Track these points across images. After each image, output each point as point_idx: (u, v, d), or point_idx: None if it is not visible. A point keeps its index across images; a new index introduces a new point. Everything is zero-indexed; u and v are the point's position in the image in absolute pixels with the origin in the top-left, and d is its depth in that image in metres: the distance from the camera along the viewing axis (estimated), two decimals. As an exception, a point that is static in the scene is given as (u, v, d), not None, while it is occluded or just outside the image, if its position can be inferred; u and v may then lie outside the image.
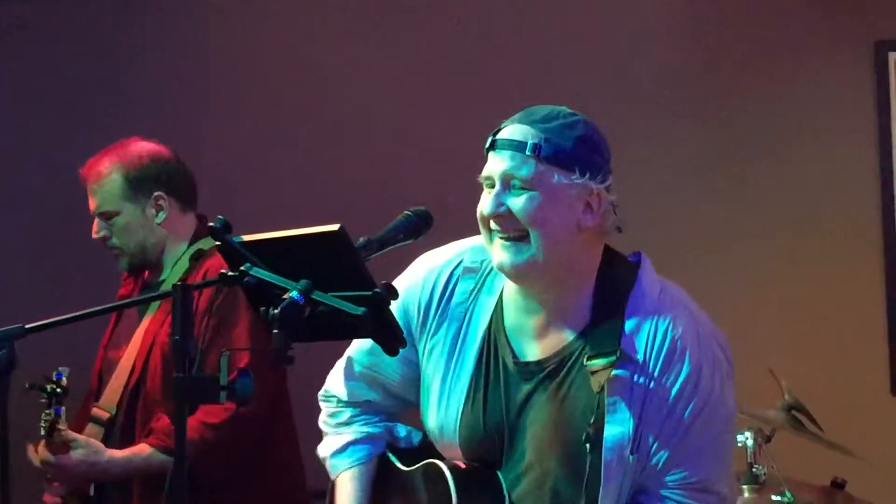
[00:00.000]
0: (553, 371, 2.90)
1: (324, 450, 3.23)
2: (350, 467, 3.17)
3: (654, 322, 2.85)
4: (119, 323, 4.24)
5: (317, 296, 2.53)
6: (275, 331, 2.47)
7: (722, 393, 2.87)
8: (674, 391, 2.82)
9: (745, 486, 4.13)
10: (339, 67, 5.52)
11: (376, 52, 5.54)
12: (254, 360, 3.77)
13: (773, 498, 4.08)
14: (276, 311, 2.48)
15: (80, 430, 4.02)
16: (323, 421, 3.26)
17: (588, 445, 2.80)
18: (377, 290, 2.57)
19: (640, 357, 2.83)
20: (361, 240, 2.75)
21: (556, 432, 2.87)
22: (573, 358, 2.89)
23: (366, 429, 3.19)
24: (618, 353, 2.81)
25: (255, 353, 3.77)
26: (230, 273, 2.60)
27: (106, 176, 4.07)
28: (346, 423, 3.20)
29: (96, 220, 4.13)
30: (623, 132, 5.42)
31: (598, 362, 2.83)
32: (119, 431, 4.05)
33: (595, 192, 2.86)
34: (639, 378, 2.82)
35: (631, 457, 2.81)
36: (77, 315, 2.71)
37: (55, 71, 5.50)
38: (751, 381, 4.64)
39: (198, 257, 4.08)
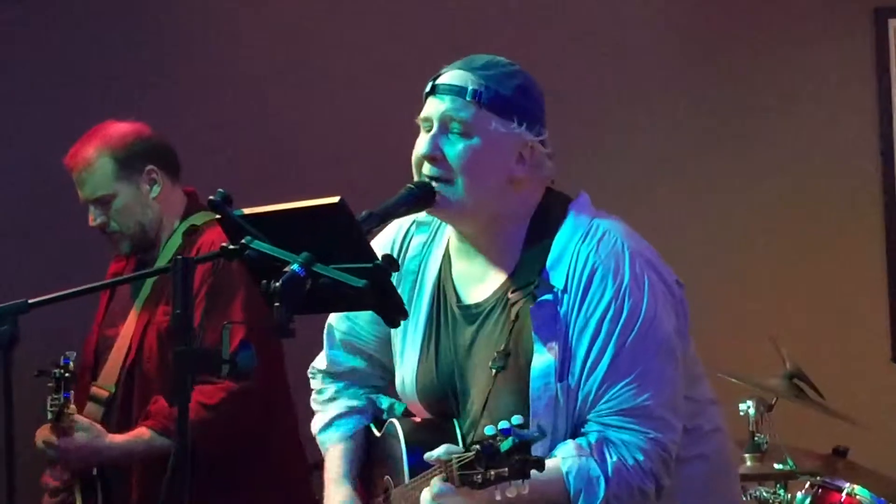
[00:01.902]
0: (490, 312, 2.92)
1: (314, 427, 3.27)
2: (337, 443, 3.19)
3: (577, 249, 2.84)
4: (112, 300, 4.23)
5: (318, 268, 2.52)
6: (276, 304, 2.47)
7: (654, 316, 2.81)
8: (597, 315, 2.79)
9: (746, 455, 4.13)
10: (337, 40, 5.51)
11: (375, 25, 5.52)
12: (249, 335, 3.77)
13: (776, 466, 4.09)
14: (277, 284, 2.48)
15: (79, 409, 4.02)
16: (312, 399, 3.29)
17: (493, 370, 2.82)
18: (378, 262, 2.57)
19: (561, 284, 2.83)
20: (363, 213, 2.75)
21: (489, 395, 2.86)
22: (505, 297, 2.90)
23: (350, 402, 3.21)
24: (535, 283, 2.82)
25: (251, 329, 3.77)
26: (231, 246, 2.59)
27: (94, 161, 4.04)
28: (331, 399, 3.23)
29: (91, 208, 4.10)
30: (624, 103, 5.45)
31: (517, 294, 2.85)
32: (118, 410, 4.05)
33: (529, 144, 2.88)
34: (561, 305, 2.81)
35: (558, 385, 2.79)
36: (80, 290, 2.70)
37: (44, 52, 5.49)
38: (752, 350, 4.67)
39: (190, 233, 4.07)
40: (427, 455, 2.71)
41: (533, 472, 2.58)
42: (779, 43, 5.42)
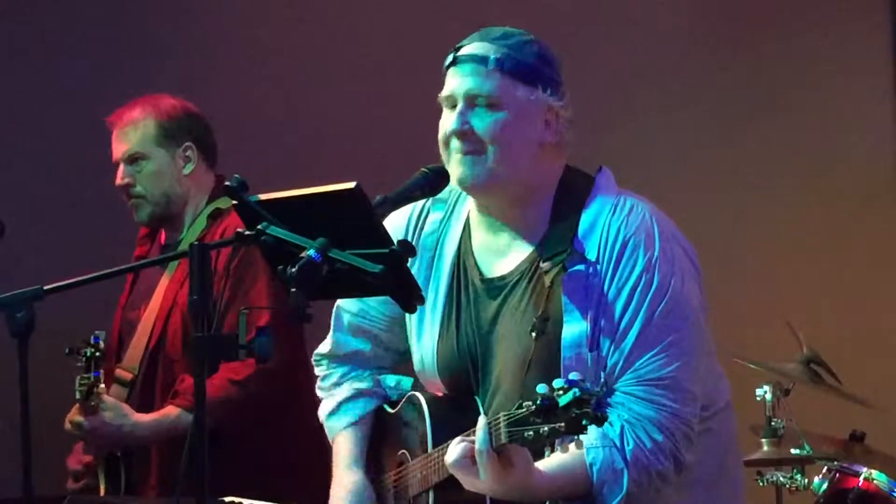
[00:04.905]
0: (515, 284, 2.95)
1: (321, 413, 3.27)
2: (345, 428, 3.20)
3: (608, 221, 2.89)
4: (136, 284, 4.25)
5: (334, 254, 2.53)
6: (292, 289, 2.48)
7: (682, 289, 2.86)
8: (628, 286, 2.84)
9: (763, 440, 4.13)
10: (354, 28, 5.51)
11: (393, 13, 5.53)
12: (274, 315, 3.79)
13: (792, 451, 4.08)
14: (293, 269, 2.49)
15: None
16: (318, 386, 3.30)
17: (534, 335, 2.84)
18: (394, 247, 2.57)
19: (593, 256, 2.87)
20: (378, 198, 2.76)
21: (521, 342, 2.90)
22: (533, 268, 2.93)
23: (357, 385, 3.22)
24: (567, 251, 2.86)
25: (276, 308, 3.79)
26: (247, 232, 2.60)
27: (140, 120, 4.11)
28: (337, 384, 3.24)
29: (121, 167, 4.13)
30: (643, 78, 5.44)
31: (549, 263, 2.88)
32: (139, 391, 4.06)
33: (553, 110, 2.91)
34: (593, 276, 2.86)
35: (589, 354, 2.83)
36: (95, 276, 2.71)
37: (63, 43, 5.50)
38: (769, 335, 4.66)
39: (215, 216, 4.09)
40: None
41: (554, 461, 2.59)
42: (794, 26, 5.40)
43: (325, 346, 3.26)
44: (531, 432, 2.57)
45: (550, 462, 2.78)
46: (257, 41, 5.54)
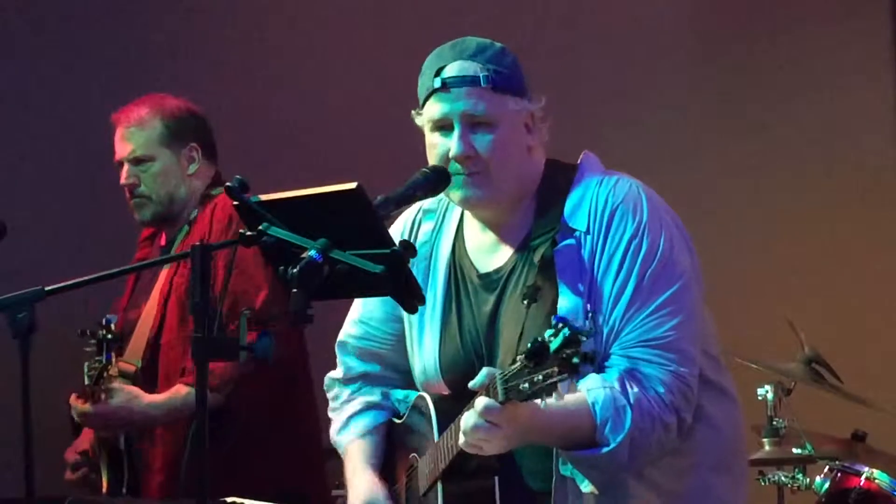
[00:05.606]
0: (510, 274, 2.98)
1: (332, 433, 3.28)
2: (355, 439, 3.21)
3: (596, 193, 2.94)
4: (136, 286, 4.26)
5: (335, 254, 2.54)
6: (293, 290, 2.48)
7: (671, 252, 2.90)
8: (619, 252, 2.88)
9: (765, 440, 4.13)
10: (352, 26, 5.52)
11: (392, 10, 5.53)
12: (271, 292, 3.83)
13: (794, 451, 4.09)
14: (294, 270, 2.49)
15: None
16: (329, 408, 3.31)
17: (525, 302, 2.87)
18: (395, 247, 2.57)
19: (583, 227, 2.91)
20: (379, 198, 2.77)
21: (519, 322, 2.91)
22: (525, 256, 2.96)
23: (366, 399, 3.22)
24: (556, 228, 2.91)
25: (273, 284, 3.81)
26: (248, 232, 2.60)
27: (146, 121, 4.11)
28: (346, 401, 3.25)
29: (126, 166, 4.13)
30: (643, 78, 5.44)
31: (539, 241, 2.93)
32: (143, 382, 4.06)
33: (531, 113, 2.97)
34: (585, 246, 2.90)
35: (586, 323, 2.82)
36: (97, 276, 2.71)
37: (59, 30, 5.51)
38: (770, 335, 4.66)
39: (203, 201, 4.11)
40: (471, 383, 2.72)
41: (558, 405, 2.58)
42: (794, 26, 5.41)
43: (335, 373, 3.28)
44: (526, 384, 2.57)
45: (554, 405, 2.74)
46: (258, 41, 5.55)
